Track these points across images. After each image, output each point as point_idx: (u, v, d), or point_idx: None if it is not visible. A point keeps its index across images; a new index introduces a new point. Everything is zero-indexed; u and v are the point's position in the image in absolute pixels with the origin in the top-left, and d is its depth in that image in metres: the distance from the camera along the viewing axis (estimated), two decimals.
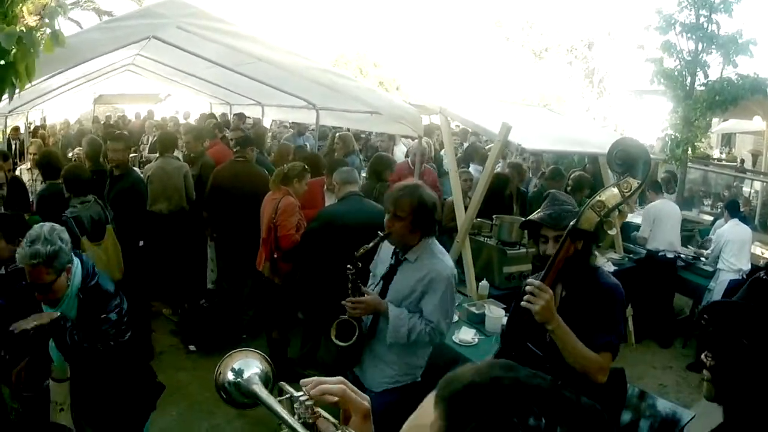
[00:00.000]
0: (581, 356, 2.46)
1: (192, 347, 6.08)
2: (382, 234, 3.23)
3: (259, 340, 6.07)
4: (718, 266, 7.07)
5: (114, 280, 4.90)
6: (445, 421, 0.66)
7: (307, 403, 1.08)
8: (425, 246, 3.27)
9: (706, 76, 10.33)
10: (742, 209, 10.82)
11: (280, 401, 1.14)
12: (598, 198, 2.32)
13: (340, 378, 1.11)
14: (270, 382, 1.24)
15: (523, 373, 0.70)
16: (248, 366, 1.26)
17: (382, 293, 3.31)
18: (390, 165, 6.55)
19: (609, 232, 2.34)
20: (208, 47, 6.50)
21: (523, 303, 2.42)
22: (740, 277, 6.84)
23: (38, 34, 2.82)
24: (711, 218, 10.50)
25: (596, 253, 5.87)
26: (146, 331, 5.89)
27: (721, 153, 17.70)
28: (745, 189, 14.40)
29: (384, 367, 3.34)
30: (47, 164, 5.64)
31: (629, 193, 2.27)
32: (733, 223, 7.25)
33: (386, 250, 3.47)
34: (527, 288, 2.42)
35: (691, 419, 3.83)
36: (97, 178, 5.92)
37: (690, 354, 6.73)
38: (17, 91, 2.88)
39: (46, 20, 2.91)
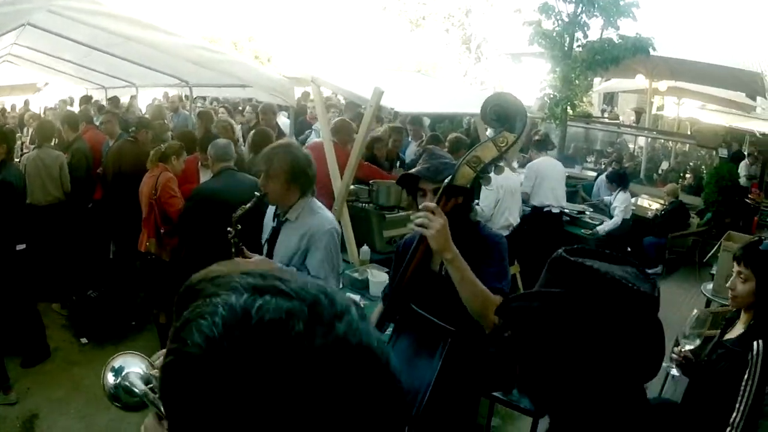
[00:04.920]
0: (480, 291, 2.25)
1: (84, 340, 5.88)
2: (258, 194, 3.23)
3: (149, 326, 5.98)
4: None
5: None
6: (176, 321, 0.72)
7: None
8: (304, 204, 3.27)
9: (585, 36, 10.56)
10: (626, 165, 11.41)
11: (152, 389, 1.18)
12: (473, 153, 2.25)
13: None
14: (153, 379, 1.24)
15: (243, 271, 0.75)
16: (128, 365, 1.28)
17: (268, 257, 3.29)
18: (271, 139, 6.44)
19: (486, 188, 2.30)
20: (83, 31, 6.27)
21: (416, 227, 2.22)
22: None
23: None
24: (594, 174, 11.00)
25: (479, 208, 5.97)
26: (39, 329, 5.65)
27: (603, 113, 18.31)
28: (630, 145, 15.14)
29: None
30: None
31: (505, 148, 2.21)
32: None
33: (270, 215, 3.47)
34: (420, 212, 2.24)
35: None
36: None
37: None
38: None
39: None
